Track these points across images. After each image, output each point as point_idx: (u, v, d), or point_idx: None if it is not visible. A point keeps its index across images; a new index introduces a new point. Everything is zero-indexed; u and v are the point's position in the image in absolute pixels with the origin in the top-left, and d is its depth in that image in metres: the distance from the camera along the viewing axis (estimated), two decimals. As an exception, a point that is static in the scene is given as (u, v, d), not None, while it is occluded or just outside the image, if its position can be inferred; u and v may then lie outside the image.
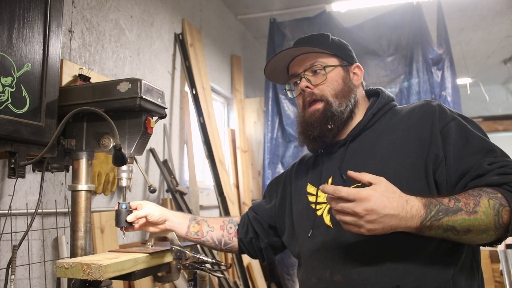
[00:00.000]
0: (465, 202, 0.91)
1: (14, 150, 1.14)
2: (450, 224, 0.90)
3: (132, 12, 2.74)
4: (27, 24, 1.16)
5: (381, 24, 4.14)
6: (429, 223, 0.90)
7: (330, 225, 1.12)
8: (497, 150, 1.00)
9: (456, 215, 0.90)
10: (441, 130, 1.05)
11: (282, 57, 1.24)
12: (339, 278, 1.05)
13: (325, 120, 1.16)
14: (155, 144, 2.91)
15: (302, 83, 1.19)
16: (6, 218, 1.70)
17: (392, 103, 1.22)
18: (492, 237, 0.93)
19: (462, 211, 0.90)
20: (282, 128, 4.39)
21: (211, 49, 4.06)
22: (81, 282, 1.08)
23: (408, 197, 0.91)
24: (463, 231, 0.91)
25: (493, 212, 0.90)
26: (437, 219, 0.89)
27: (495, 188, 0.93)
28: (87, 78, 2.06)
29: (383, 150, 1.10)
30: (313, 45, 1.20)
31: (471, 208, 0.90)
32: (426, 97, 3.94)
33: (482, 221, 0.90)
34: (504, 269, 3.55)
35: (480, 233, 0.91)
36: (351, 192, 0.88)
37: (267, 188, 1.46)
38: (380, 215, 0.88)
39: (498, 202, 0.91)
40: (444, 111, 1.09)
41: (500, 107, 7.58)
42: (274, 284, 4.28)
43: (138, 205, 1.26)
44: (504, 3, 4.65)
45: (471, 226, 0.90)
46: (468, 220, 0.90)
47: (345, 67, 1.22)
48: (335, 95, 1.17)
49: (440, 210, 0.90)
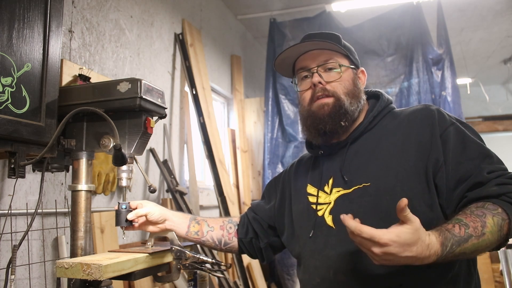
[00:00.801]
0: (473, 227, 0.92)
1: (14, 150, 1.14)
2: (461, 251, 0.92)
3: (132, 12, 2.74)
4: (27, 24, 1.16)
5: (381, 24, 4.14)
6: (443, 257, 0.90)
7: (332, 225, 1.13)
8: (493, 156, 1.03)
9: (467, 243, 0.91)
10: (441, 134, 1.06)
11: (296, 49, 1.22)
12: (342, 278, 1.06)
13: (338, 117, 1.15)
14: (155, 144, 2.91)
15: (315, 78, 1.18)
16: (6, 218, 1.70)
17: (391, 105, 1.23)
18: (493, 247, 0.96)
19: (472, 237, 0.92)
20: (282, 128, 4.39)
21: (211, 49, 4.06)
22: (81, 282, 1.08)
23: (431, 240, 0.88)
24: (471, 252, 0.93)
25: (497, 229, 0.94)
26: (451, 252, 0.90)
27: (495, 202, 0.96)
28: (87, 78, 2.06)
29: (384, 152, 1.11)
30: (332, 42, 1.18)
31: (479, 232, 0.92)
32: (426, 97, 3.94)
33: (489, 240, 0.93)
34: (504, 269, 3.55)
35: (485, 249, 0.95)
36: (371, 234, 0.85)
37: (266, 188, 1.46)
38: (397, 257, 0.86)
39: (500, 218, 0.94)
40: (443, 115, 1.10)
41: (500, 107, 7.58)
42: (274, 284, 4.28)
43: (138, 204, 1.26)
44: (504, 3, 4.65)
45: (479, 247, 0.93)
46: (477, 244, 0.92)
47: (353, 70, 1.22)
48: (347, 94, 1.17)
49: (454, 243, 0.91)
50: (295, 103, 4.38)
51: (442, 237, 0.90)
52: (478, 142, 1.06)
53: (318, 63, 1.19)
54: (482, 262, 4.40)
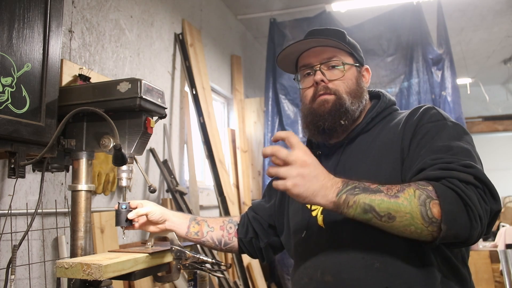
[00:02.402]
0: (388, 187, 0.89)
1: (14, 150, 1.14)
2: (367, 203, 0.88)
3: (132, 12, 2.74)
4: (27, 24, 1.16)
5: (381, 24, 4.14)
6: (344, 196, 0.89)
7: (322, 225, 1.13)
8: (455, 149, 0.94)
9: (375, 195, 0.88)
10: (415, 128, 1.03)
11: (299, 46, 1.20)
12: (329, 278, 1.06)
13: (338, 115, 1.14)
14: (155, 144, 2.91)
15: (318, 76, 1.16)
16: (6, 218, 1.70)
17: (393, 107, 1.21)
18: (424, 231, 0.87)
19: (382, 193, 0.88)
20: (282, 128, 4.39)
21: (211, 49, 4.06)
22: (81, 282, 1.08)
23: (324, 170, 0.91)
24: (385, 215, 0.87)
25: (418, 202, 0.86)
26: (353, 193, 0.89)
27: (429, 182, 0.89)
28: (87, 78, 2.06)
29: (375, 151, 1.10)
30: (336, 40, 1.16)
31: (393, 193, 0.88)
32: (426, 97, 3.94)
33: (405, 207, 0.86)
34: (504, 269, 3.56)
35: (406, 222, 0.87)
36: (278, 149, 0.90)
37: (266, 187, 1.46)
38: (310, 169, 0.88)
39: (425, 194, 0.87)
40: (428, 113, 1.06)
41: (500, 107, 7.58)
42: (274, 284, 4.29)
43: (138, 204, 1.26)
44: (504, 3, 4.65)
45: (391, 210, 0.87)
46: (388, 203, 0.87)
47: (358, 68, 1.21)
48: (349, 93, 1.16)
49: (358, 187, 0.90)
50: (295, 103, 4.38)
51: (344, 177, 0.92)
52: (452, 141, 0.97)
53: (321, 61, 1.17)
54: (482, 262, 4.40)
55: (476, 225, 0.86)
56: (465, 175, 0.88)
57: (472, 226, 0.86)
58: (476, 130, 7.51)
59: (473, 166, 0.90)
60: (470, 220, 0.85)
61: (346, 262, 1.04)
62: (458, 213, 0.85)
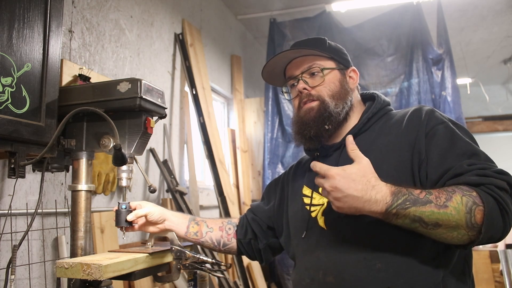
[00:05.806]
0: (436, 196, 0.91)
1: (14, 150, 1.14)
2: (417, 215, 0.90)
3: (132, 12, 2.74)
4: (27, 24, 1.16)
5: (381, 24, 4.14)
6: (395, 211, 0.91)
7: (324, 226, 1.14)
8: (481, 154, 1.00)
9: (425, 207, 0.90)
10: (428, 132, 1.06)
11: (279, 60, 1.25)
12: (331, 279, 1.06)
13: (322, 120, 1.17)
14: (155, 144, 2.91)
15: (300, 85, 1.21)
16: (6, 218, 1.70)
17: (388, 107, 1.23)
18: (464, 236, 0.91)
19: (431, 204, 0.90)
20: (282, 128, 4.39)
21: (211, 49, 4.06)
22: (81, 282, 1.08)
23: (377, 183, 0.93)
24: (432, 224, 0.91)
25: (465, 210, 0.89)
26: (404, 207, 0.90)
27: (472, 188, 0.93)
28: (87, 78, 2.06)
29: (376, 153, 1.10)
30: (311, 48, 1.21)
31: (442, 202, 0.90)
32: (426, 97, 3.94)
33: (453, 216, 0.89)
34: (504, 269, 3.56)
35: (450, 229, 0.91)
36: (322, 168, 0.97)
37: (265, 189, 1.47)
38: (344, 194, 0.92)
39: (472, 200, 0.90)
40: (433, 115, 1.09)
41: (500, 107, 7.57)
42: (274, 284, 4.28)
43: (137, 205, 1.26)
44: (504, 3, 4.65)
45: (440, 220, 0.90)
46: (437, 214, 0.90)
47: (341, 70, 1.23)
48: (332, 96, 1.19)
49: (408, 199, 0.91)
50: (294, 104, 4.37)
51: (395, 188, 0.92)
52: (467, 141, 1.03)
53: (303, 70, 1.22)
54: (482, 262, 4.40)
55: (509, 228, 0.93)
56: (501, 182, 0.93)
57: (505, 229, 0.92)
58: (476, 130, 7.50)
59: (505, 173, 0.96)
60: (505, 224, 0.92)
61: (348, 263, 1.05)
62: (496, 218, 0.90)
